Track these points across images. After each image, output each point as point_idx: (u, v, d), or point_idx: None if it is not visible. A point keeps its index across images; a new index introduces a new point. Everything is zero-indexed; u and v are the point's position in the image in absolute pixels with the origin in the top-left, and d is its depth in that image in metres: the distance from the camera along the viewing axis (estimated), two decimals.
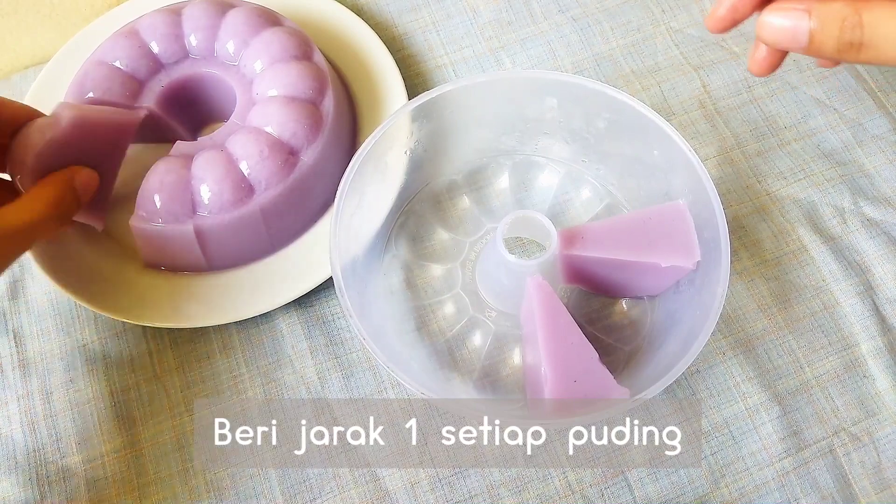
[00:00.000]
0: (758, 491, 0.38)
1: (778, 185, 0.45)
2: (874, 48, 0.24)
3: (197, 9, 0.43)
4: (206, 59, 0.43)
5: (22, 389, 0.40)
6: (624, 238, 0.36)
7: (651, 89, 0.48)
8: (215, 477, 0.38)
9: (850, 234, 0.44)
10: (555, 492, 0.37)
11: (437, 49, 0.50)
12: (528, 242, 0.43)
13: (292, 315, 0.41)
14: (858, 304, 0.42)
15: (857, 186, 0.45)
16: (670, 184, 0.38)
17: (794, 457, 0.38)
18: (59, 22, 0.50)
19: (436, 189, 0.44)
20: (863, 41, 0.24)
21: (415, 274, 0.42)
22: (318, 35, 0.47)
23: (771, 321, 0.41)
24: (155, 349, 0.41)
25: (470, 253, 0.42)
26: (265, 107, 0.40)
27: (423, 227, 0.43)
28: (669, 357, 0.32)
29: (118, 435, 0.39)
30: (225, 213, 0.38)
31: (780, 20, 0.25)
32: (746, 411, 0.39)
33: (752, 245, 0.43)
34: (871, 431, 0.39)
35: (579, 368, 0.32)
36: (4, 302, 0.42)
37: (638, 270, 0.36)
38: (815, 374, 0.40)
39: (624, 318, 0.40)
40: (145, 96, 0.42)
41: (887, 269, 0.43)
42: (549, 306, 0.33)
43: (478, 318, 0.40)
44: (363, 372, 0.40)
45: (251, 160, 0.38)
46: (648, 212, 0.36)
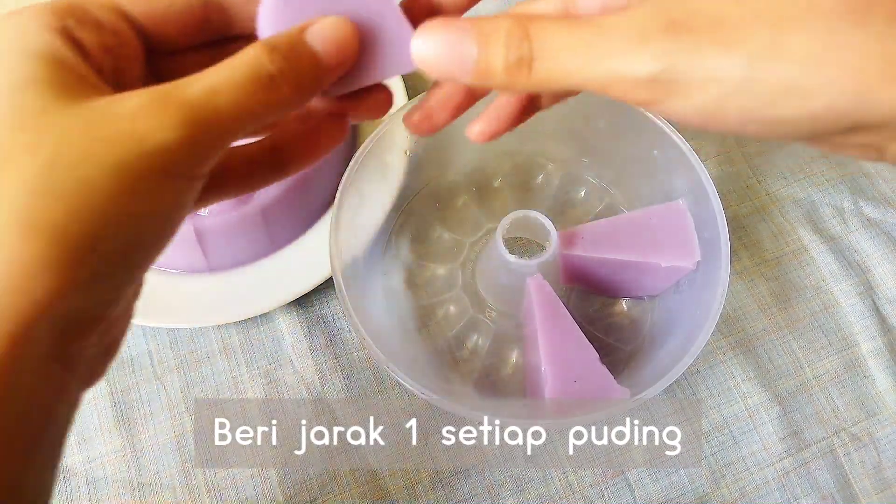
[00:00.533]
0: (758, 491, 0.38)
1: (778, 185, 0.45)
2: (548, 61, 0.19)
3: None
4: None
5: None
6: (624, 238, 0.36)
7: None
8: (215, 477, 0.38)
9: (850, 234, 0.44)
10: (555, 492, 0.37)
11: None
12: (528, 242, 0.43)
13: (292, 315, 0.41)
14: (858, 304, 0.42)
15: (857, 186, 0.45)
16: (670, 184, 0.38)
17: (795, 457, 0.38)
18: None
19: (436, 189, 0.44)
20: (533, 55, 0.19)
21: (415, 274, 0.42)
22: None
23: (771, 321, 0.41)
24: (155, 349, 0.41)
25: (470, 253, 0.42)
26: None
27: (423, 228, 0.43)
28: (669, 357, 0.32)
29: (118, 435, 0.39)
30: (225, 213, 0.38)
31: (438, 43, 0.20)
32: (746, 411, 0.39)
33: (752, 245, 0.43)
34: (872, 431, 0.39)
35: (579, 368, 0.32)
36: None
37: (638, 270, 0.36)
38: (815, 374, 0.40)
39: (624, 318, 0.40)
40: None
41: (887, 269, 0.43)
42: (549, 306, 0.33)
43: (478, 318, 0.40)
44: (363, 372, 0.40)
45: None
46: (648, 212, 0.36)
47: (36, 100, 0.17)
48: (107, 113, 0.18)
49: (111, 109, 0.18)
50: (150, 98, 0.18)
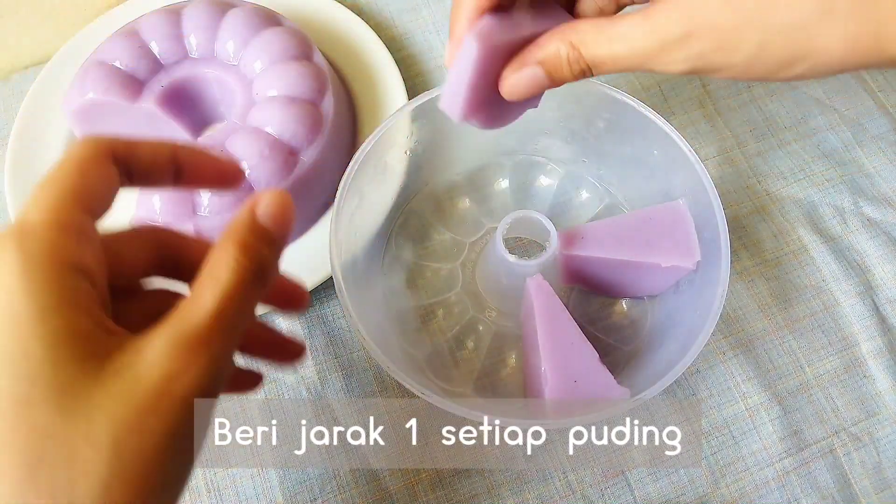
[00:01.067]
0: (758, 491, 0.38)
1: (778, 185, 0.45)
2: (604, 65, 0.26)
3: (197, 9, 0.43)
4: (206, 59, 0.43)
5: None
6: (624, 238, 0.36)
7: (651, 89, 0.48)
8: (215, 477, 0.38)
9: (850, 234, 0.44)
10: (555, 492, 0.37)
11: (437, 49, 0.50)
12: (528, 243, 0.43)
13: (292, 315, 0.41)
14: (858, 304, 0.42)
15: (857, 186, 0.45)
16: (670, 184, 0.38)
17: (795, 457, 0.38)
18: (59, 22, 0.50)
19: (436, 189, 0.44)
20: (590, 65, 0.26)
21: (415, 274, 0.42)
22: (318, 35, 0.47)
23: (771, 321, 0.41)
24: None
25: (470, 253, 0.42)
26: (265, 107, 0.40)
27: (423, 228, 0.43)
28: (669, 357, 0.32)
29: None
30: (225, 213, 0.38)
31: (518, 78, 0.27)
32: (746, 411, 0.39)
33: (752, 245, 0.43)
34: (872, 431, 0.39)
35: (580, 368, 0.32)
36: None
37: (638, 270, 0.36)
38: (815, 374, 0.40)
39: (624, 318, 0.40)
40: (145, 96, 0.42)
41: (887, 269, 0.43)
42: (549, 306, 0.33)
43: (478, 318, 0.40)
44: (363, 372, 0.40)
45: (251, 160, 0.38)
46: (648, 212, 0.36)
47: (69, 377, 0.19)
48: (141, 378, 0.19)
49: (143, 373, 0.19)
50: (171, 345, 0.20)
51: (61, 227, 0.21)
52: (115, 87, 0.41)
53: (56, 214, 0.21)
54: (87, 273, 0.21)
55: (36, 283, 0.20)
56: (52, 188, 0.21)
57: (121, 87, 0.41)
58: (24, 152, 0.44)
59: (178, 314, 0.21)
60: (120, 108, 0.42)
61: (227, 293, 0.21)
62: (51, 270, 0.20)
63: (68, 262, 0.20)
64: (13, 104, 0.48)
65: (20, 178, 0.43)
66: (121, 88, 0.41)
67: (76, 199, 0.21)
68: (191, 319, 0.21)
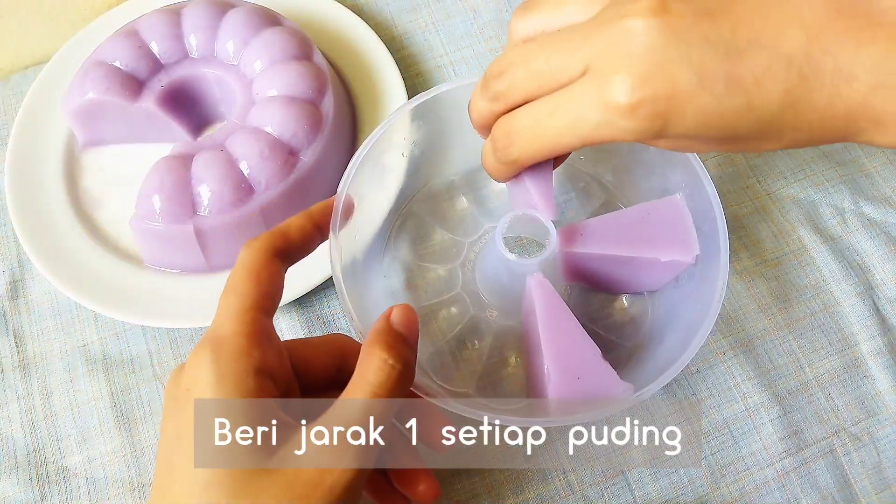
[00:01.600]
0: (758, 491, 0.38)
1: (778, 185, 0.45)
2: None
3: (197, 9, 0.43)
4: (206, 59, 0.43)
5: (22, 389, 0.40)
6: (623, 234, 0.36)
7: None
8: None
9: (850, 234, 0.44)
10: (555, 492, 0.37)
11: (437, 49, 0.50)
12: (528, 241, 0.43)
13: (292, 315, 0.41)
14: (858, 304, 0.42)
15: (857, 186, 0.45)
16: (667, 180, 0.38)
17: (795, 457, 0.38)
18: (59, 22, 0.50)
19: (434, 190, 0.44)
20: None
21: (415, 275, 0.42)
22: (318, 35, 0.47)
23: (771, 321, 0.41)
24: (155, 349, 0.41)
25: (469, 253, 0.42)
26: (265, 107, 0.40)
27: (422, 228, 0.43)
28: (671, 352, 0.32)
29: (118, 435, 0.39)
30: (225, 213, 0.38)
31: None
32: (746, 411, 0.39)
33: (752, 245, 0.43)
34: (872, 431, 0.39)
35: (582, 365, 0.32)
36: (4, 302, 0.42)
37: (638, 265, 0.36)
38: (815, 374, 0.40)
39: (624, 314, 0.40)
40: (145, 96, 0.42)
41: (887, 269, 0.43)
42: (550, 304, 0.33)
43: (478, 317, 0.40)
44: None
45: (251, 160, 0.38)
46: (646, 207, 0.36)
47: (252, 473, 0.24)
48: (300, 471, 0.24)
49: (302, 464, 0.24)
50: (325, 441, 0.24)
51: (246, 336, 0.25)
52: (115, 87, 0.41)
53: (241, 326, 0.25)
54: (269, 372, 0.25)
55: (226, 385, 0.24)
56: (234, 298, 0.26)
57: (121, 87, 0.41)
58: (24, 152, 0.44)
59: (333, 410, 0.25)
60: (120, 108, 0.42)
61: (375, 392, 0.25)
62: (238, 373, 0.24)
63: (254, 367, 0.25)
64: (13, 104, 0.48)
65: (20, 178, 0.43)
66: (121, 88, 0.41)
67: (256, 307, 0.26)
68: (343, 417, 0.25)
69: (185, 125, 0.44)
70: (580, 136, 0.25)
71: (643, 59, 0.22)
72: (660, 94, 0.22)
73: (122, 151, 0.45)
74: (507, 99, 0.27)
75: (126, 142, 0.45)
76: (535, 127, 0.26)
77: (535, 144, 0.26)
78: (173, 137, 0.44)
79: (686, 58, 0.22)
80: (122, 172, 0.45)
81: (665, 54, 0.22)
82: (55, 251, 0.41)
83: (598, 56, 0.23)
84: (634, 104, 0.23)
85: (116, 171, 0.45)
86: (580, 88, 0.24)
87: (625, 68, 0.23)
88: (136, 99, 0.41)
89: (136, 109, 0.42)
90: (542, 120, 0.25)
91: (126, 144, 0.45)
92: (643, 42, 0.22)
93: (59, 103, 0.44)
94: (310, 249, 0.30)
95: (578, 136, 0.25)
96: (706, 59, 0.22)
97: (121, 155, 0.45)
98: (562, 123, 0.25)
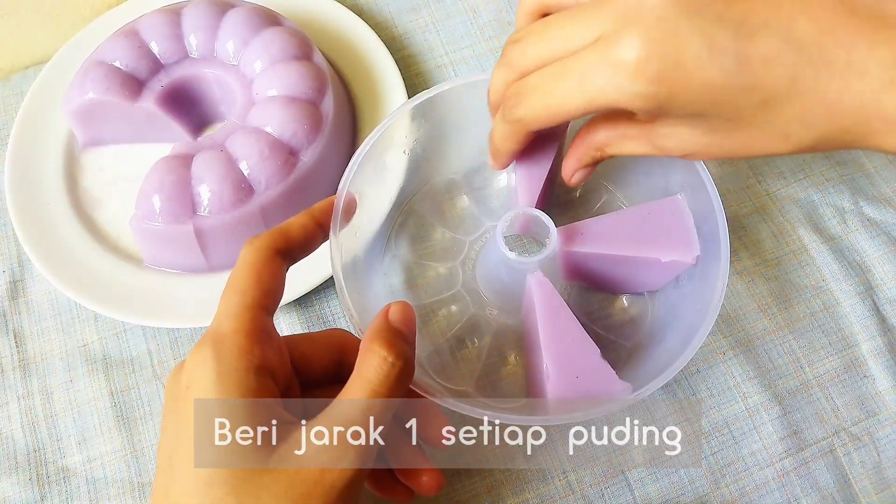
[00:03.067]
0: (758, 491, 0.38)
1: (778, 185, 0.45)
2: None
3: (197, 9, 0.43)
4: (206, 59, 0.43)
5: (22, 389, 0.40)
6: (623, 233, 0.36)
7: None
8: None
9: (850, 234, 0.44)
10: (555, 492, 0.37)
11: (437, 49, 0.50)
12: (528, 240, 0.43)
13: (292, 315, 0.41)
14: (858, 304, 0.42)
15: (857, 186, 0.45)
16: (668, 180, 0.38)
17: (795, 457, 0.38)
18: (59, 22, 0.50)
19: (435, 188, 0.44)
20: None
21: (415, 273, 0.42)
22: (318, 35, 0.47)
23: (771, 321, 0.41)
24: (155, 349, 0.41)
25: (470, 252, 0.42)
26: (265, 107, 0.40)
27: (422, 227, 0.43)
28: (671, 352, 0.32)
29: (118, 435, 0.39)
30: (225, 213, 0.38)
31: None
32: (746, 411, 0.39)
33: (752, 245, 0.43)
34: (872, 431, 0.39)
35: (581, 364, 0.32)
36: (4, 302, 0.42)
37: (638, 266, 0.36)
38: (815, 374, 0.40)
39: (624, 314, 0.40)
40: (145, 96, 0.42)
41: (887, 269, 0.42)
42: (549, 303, 0.33)
43: (478, 316, 0.40)
44: None
45: (251, 160, 0.38)
46: (647, 207, 0.36)
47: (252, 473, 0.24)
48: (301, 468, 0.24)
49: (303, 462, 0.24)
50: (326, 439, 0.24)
51: (247, 334, 0.25)
52: (114, 87, 0.41)
53: (242, 323, 0.25)
54: (270, 370, 0.25)
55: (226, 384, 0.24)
56: (235, 296, 0.26)
57: (121, 87, 0.41)
58: (24, 152, 0.44)
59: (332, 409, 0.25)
60: (120, 108, 0.42)
61: (375, 390, 0.25)
62: (238, 371, 0.24)
63: (254, 365, 0.25)
64: (13, 104, 0.48)
65: (20, 178, 0.43)
66: (121, 88, 0.41)
67: (257, 305, 0.26)
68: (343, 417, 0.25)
69: (185, 125, 0.44)
70: (586, 97, 0.25)
71: (656, 26, 0.23)
72: (668, 58, 0.23)
73: (122, 151, 0.45)
74: (520, 65, 0.27)
75: (126, 142, 0.45)
76: (543, 86, 0.26)
77: (542, 102, 0.27)
78: (173, 137, 0.44)
79: (698, 30, 0.23)
80: (122, 172, 0.45)
81: (678, 25, 0.23)
82: (55, 251, 0.41)
83: (611, 25, 0.24)
84: (642, 60, 0.23)
85: (116, 171, 0.45)
86: (590, 51, 0.25)
87: (636, 33, 0.23)
88: (136, 99, 0.41)
89: (136, 109, 0.42)
90: (550, 81, 0.26)
91: (126, 144, 0.45)
92: (657, 13, 0.23)
93: (59, 103, 0.44)
94: (312, 248, 0.30)
95: (584, 98, 0.25)
96: (718, 34, 0.23)
97: (121, 155, 0.45)
98: (569, 84, 0.25)
